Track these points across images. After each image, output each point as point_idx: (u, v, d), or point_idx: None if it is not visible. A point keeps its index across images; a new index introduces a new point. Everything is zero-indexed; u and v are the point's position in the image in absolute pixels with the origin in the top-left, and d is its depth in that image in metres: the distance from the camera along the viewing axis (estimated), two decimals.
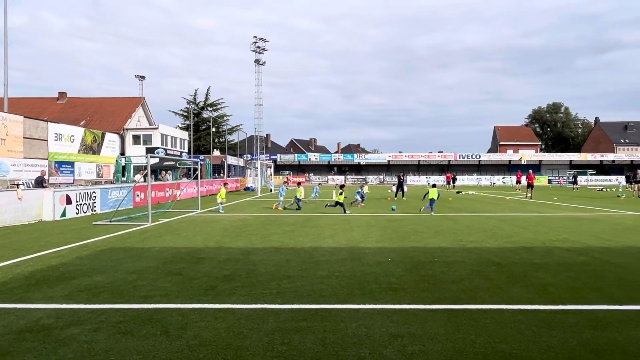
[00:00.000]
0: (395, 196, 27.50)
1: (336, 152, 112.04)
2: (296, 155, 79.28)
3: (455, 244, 9.86)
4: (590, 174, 62.49)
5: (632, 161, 75.94)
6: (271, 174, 46.30)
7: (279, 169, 73.94)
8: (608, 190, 41.77)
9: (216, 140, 66.91)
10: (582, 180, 58.54)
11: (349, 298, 5.67)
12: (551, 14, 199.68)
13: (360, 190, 21.76)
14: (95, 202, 18.32)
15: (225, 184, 20.77)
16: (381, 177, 73.59)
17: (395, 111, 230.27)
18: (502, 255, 8.49)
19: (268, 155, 74.45)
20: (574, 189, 43.49)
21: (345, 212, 17.09)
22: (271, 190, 39.05)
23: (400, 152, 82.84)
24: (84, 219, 15.83)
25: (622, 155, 77.50)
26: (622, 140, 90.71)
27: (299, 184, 20.55)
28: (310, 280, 6.55)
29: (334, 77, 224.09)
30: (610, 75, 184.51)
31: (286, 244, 9.90)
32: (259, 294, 5.89)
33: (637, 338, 4.41)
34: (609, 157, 75.96)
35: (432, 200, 17.57)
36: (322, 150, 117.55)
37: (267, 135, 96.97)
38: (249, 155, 63.51)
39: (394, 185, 36.72)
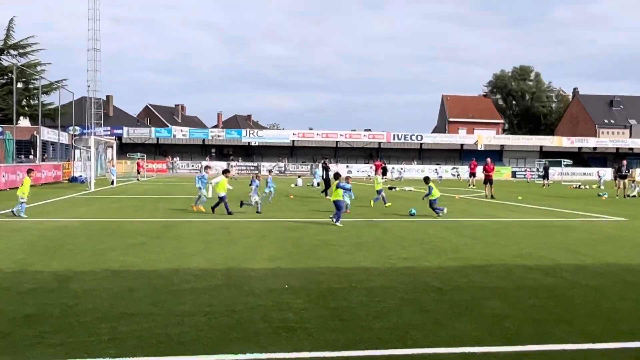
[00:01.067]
0: (327, 194, 27.17)
1: (215, 127, 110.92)
2: (153, 129, 77.36)
3: (381, 263, 10.15)
4: (566, 165, 68.09)
5: (617, 149, 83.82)
6: (113, 158, 44.70)
7: (125, 149, 71.57)
8: (587, 187, 45.75)
9: (24, 103, 62.98)
10: (554, 173, 63.61)
11: (222, 345, 5.60)
12: None
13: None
14: None
15: (29, 171, 19.45)
16: (281, 164, 74.23)
17: (305, 68, 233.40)
18: (445, 278, 8.91)
19: (109, 128, 71.72)
20: (544, 186, 47.18)
21: (337, 220, 16.10)
22: (113, 183, 37.67)
23: (310, 129, 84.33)
24: None
25: (606, 140, 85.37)
26: (606, 121, 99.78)
27: (225, 171, 19.70)
28: (165, 320, 6.40)
29: (216, 13, 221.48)
30: (596, 33, 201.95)
31: (130, 265, 9.63)
32: (80, 343, 5.62)
33: None
34: (589, 142, 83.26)
35: (434, 200, 19.05)
36: (194, 122, 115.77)
37: (107, 97, 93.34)
38: (77, 128, 60.69)
39: (314, 178, 37.03)
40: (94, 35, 63.20)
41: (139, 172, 51.44)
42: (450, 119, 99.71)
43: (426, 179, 20.19)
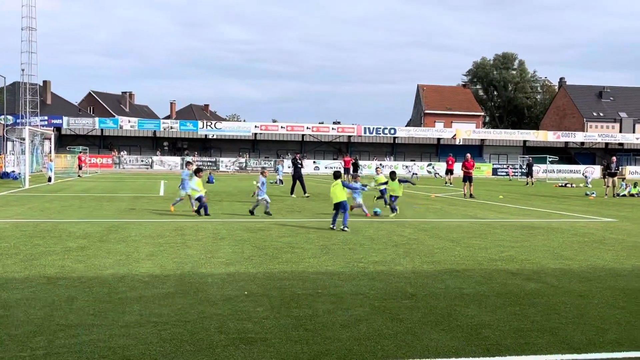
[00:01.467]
0: (292, 192, 27.64)
1: (168, 117, 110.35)
2: (97, 119, 76.30)
3: (350, 267, 10.22)
4: (551, 162, 69.25)
5: (606, 144, 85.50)
6: (50, 151, 44.04)
7: (65, 141, 70.66)
8: (574, 185, 46.59)
9: None
10: (539, 170, 64.66)
11: (173, 358, 5.58)
12: None
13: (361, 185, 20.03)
14: None
15: None
16: (242, 160, 74.03)
17: (269, 54, 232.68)
18: (419, 283, 8.99)
19: (46, 117, 70.62)
20: (527, 184, 47.91)
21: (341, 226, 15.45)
22: (50, 179, 37.11)
23: (274, 122, 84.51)
24: None
25: (595, 135, 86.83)
26: (594, 114, 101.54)
27: (197, 171, 18.98)
28: (108, 332, 6.33)
29: None
30: (585, 17, 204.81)
31: (70, 271, 9.53)
32: (11, 359, 5.54)
33: None
34: (576, 137, 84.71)
35: (393, 197, 19.42)
36: (144, 112, 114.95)
37: (44, 83, 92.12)
38: (10, 117, 59.77)
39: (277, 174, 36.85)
40: (28, 12, 62.22)
41: (80, 168, 50.78)
42: (427, 111, 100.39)
43: (392, 174, 20.19)
